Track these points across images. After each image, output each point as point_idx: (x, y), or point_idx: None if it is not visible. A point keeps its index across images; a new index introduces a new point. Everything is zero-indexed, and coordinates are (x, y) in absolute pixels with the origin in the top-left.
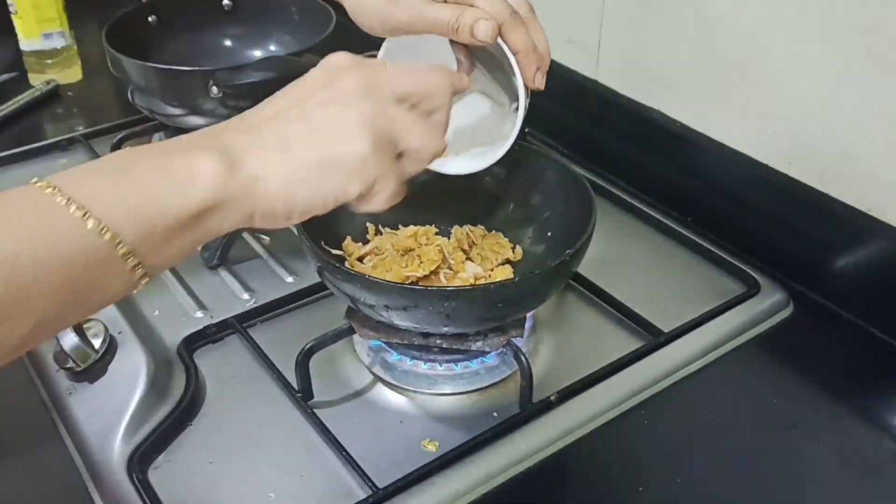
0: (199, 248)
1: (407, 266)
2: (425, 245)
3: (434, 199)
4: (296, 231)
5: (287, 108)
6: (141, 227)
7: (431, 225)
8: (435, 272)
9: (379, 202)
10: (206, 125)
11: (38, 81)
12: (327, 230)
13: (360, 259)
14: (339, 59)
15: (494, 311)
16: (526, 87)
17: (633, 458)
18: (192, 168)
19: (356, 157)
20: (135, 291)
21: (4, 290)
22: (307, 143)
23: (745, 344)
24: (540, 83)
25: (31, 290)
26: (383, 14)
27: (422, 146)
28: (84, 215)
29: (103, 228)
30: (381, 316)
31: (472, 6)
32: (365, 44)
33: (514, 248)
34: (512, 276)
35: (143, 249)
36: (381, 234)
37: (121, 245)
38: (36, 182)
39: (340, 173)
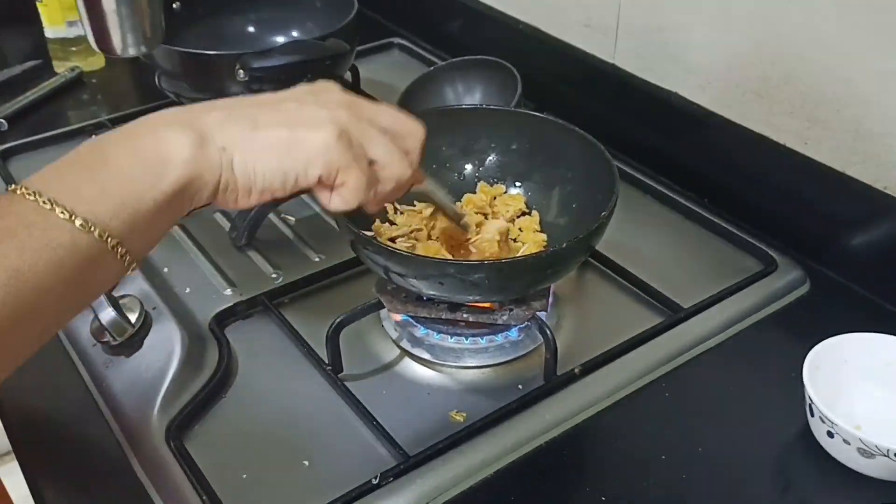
0: (228, 228)
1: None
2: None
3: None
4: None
5: (265, 102)
6: (125, 218)
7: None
8: (464, 246)
9: (343, 195)
10: None
11: (63, 69)
12: (355, 214)
13: (392, 241)
14: (328, 83)
15: (538, 276)
16: None
17: (655, 429)
18: (163, 149)
19: (319, 143)
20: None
21: (13, 303)
22: (275, 124)
23: (763, 320)
24: None
25: (34, 298)
26: None
27: (389, 162)
28: (70, 216)
29: (91, 226)
30: (413, 286)
31: None
32: (383, 32)
33: (530, 212)
34: (545, 244)
35: (130, 238)
36: (400, 212)
37: (109, 238)
38: (14, 189)
39: (302, 155)
